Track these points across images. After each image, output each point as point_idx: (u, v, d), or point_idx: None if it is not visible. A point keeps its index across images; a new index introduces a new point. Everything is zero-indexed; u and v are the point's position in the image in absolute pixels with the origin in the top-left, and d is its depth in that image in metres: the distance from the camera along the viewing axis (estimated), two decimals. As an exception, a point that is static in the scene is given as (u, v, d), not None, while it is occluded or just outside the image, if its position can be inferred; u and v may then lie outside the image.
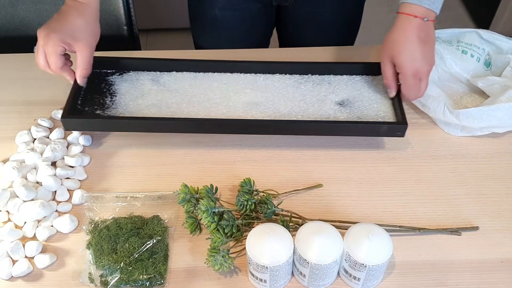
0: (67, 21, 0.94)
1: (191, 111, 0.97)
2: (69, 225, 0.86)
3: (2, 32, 1.38)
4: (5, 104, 1.09)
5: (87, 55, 0.95)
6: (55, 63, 0.93)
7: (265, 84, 1.03)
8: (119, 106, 0.98)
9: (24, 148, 0.97)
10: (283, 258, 0.73)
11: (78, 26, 0.94)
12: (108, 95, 1.00)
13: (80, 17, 0.95)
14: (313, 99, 1.00)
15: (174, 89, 1.02)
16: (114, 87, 1.02)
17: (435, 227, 0.86)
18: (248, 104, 0.99)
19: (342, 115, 0.97)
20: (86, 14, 0.96)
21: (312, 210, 0.88)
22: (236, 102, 0.99)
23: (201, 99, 0.99)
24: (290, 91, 1.02)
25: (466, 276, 0.80)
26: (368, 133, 0.95)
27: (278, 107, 0.98)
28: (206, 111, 0.97)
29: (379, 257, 0.73)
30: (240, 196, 0.85)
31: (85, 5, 0.96)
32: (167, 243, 0.83)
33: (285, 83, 1.04)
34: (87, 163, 0.97)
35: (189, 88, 1.02)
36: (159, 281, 0.79)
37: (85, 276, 0.80)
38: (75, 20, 0.94)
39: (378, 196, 0.91)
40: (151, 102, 0.99)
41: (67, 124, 0.94)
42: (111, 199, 0.90)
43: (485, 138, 1.00)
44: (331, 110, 0.98)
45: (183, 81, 1.03)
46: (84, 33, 0.94)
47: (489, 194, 0.91)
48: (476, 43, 1.07)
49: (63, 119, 0.92)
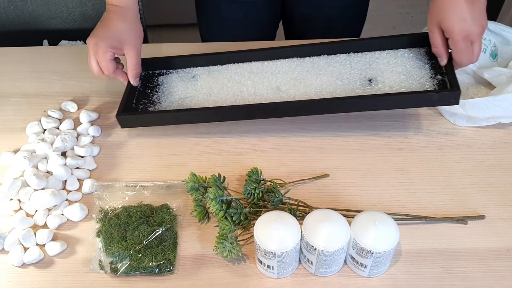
0: (111, 27, 0.97)
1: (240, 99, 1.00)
2: (79, 213, 0.87)
3: (13, 26, 1.40)
4: (16, 96, 1.11)
5: (135, 56, 0.98)
6: (107, 68, 0.96)
7: (298, 67, 1.04)
8: (162, 101, 1.03)
9: (35, 139, 0.98)
10: (291, 245, 0.74)
11: (122, 30, 0.97)
12: (151, 93, 1.05)
13: (123, 21, 0.98)
14: (344, 79, 0.99)
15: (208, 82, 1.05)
16: (160, 85, 1.07)
17: (441, 215, 0.86)
18: (269, 88, 1.00)
19: (372, 90, 0.95)
20: (128, 17, 0.99)
21: (319, 200, 0.89)
22: (268, 87, 1.01)
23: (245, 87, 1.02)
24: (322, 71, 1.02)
25: (473, 264, 0.81)
26: (420, 103, 0.92)
27: (316, 86, 0.99)
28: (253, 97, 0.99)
29: (385, 244, 0.74)
30: (248, 185, 0.86)
31: (125, 9, 0.99)
32: (176, 231, 0.85)
33: (315, 64, 1.04)
34: (96, 153, 0.98)
35: (226, 80, 1.04)
36: (168, 268, 0.80)
37: (95, 263, 0.81)
38: (118, 25, 0.97)
39: (385, 185, 0.92)
40: (189, 94, 1.03)
41: (122, 121, 0.97)
42: (121, 188, 0.91)
43: (491, 128, 1.01)
44: (361, 88, 0.96)
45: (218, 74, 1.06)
46: (128, 35, 0.97)
47: (495, 183, 0.92)
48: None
49: (119, 116, 0.96)
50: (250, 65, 1.06)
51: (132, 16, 1.00)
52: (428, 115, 1.04)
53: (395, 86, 0.95)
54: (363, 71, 1.00)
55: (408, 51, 1.02)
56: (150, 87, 1.06)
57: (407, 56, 1.01)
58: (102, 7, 1.39)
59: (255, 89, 1.00)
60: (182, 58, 1.09)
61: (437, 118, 1.03)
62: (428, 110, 1.04)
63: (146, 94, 1.04)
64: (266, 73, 1.04)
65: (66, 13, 1.39)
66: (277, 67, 1.04)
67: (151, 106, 1.02)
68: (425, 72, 0.96)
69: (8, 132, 1.03)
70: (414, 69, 0.97)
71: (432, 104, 0.94)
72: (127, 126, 1.00)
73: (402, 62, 1.00)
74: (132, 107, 1.01)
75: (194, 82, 1.05)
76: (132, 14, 1.00)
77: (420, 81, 0.95)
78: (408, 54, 1.01)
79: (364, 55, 1.03)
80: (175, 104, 1.01)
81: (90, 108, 1.07)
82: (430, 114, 1.04)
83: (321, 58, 1.05)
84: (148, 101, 1.03)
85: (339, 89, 0.97)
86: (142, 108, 1.01)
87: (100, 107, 1.08)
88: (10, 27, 1.40)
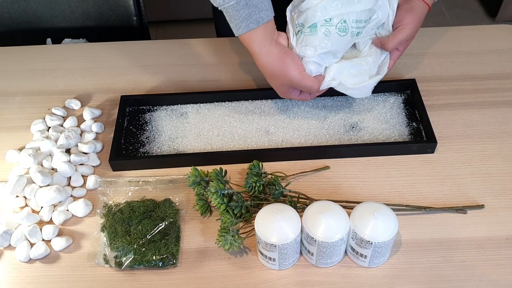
0: (282, 73, 0.91)
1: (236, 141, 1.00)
2: (84, 209, 0.89)
3: (16, 25, 1.41)
4: (20, 94, 1.12)
5: (310, 81, 0.91)
6: (314, 96, 0.97)
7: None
8: (151, 141, 1.00)
9: (39, 136, 0.99)
10: (291, 236, 0.75)
11: (290, 70, 0.90)
12: (144, 131, 1.02)
13: (285, 59, 0.91)
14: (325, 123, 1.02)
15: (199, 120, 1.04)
16: (148, 123, 1.04)
17: (441, 205, 0.87)
18: (259, 131, 1.01)
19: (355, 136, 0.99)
20: (283, 53, 0.91)
21: (319, 191, 0.90)
22: (257, 128, 1.01)
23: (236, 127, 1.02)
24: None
25: (472, 253, 0.82)
26: (399, 152, 0.96)
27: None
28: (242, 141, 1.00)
29: (385, 234, 0.74)
30: (249, 178, 0.87)
31: (277, 45, 0.92)
32: (179, 225, 0.86)
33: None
34: (100, 150, 1.00)
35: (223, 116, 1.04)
36: (172, 261, 0.81)
37: (100, 257, 0.82)
38: (285, 68, 0.90)
39: (385, 176, 0.93)
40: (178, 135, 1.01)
41: (114, 166, 0.96)
42: (124, 183, 0.92)
43: (491, 118, 1.01)
44: (345, 133, 1.00)
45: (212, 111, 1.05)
46: (296, 69, 0.91)
47: (494, 173, 0.92)
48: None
49: (112, 162, 0.95)
50: (239, 104, 1.05)
51: (282, 49, 0.93)
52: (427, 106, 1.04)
53: (374, 134, 0.99)
54: (347, 117, 1.02)
55: (389, 96, 1.04)
56: (138, 125, 1.03)
57: (388, 101, 1.05)
58: (103, 4, 1.40)
59: (245, 131, 1.00)
60: (170, 96, 1.07)
61: (435, 109, 1.04)
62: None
63: (134, 133, 1.01)
64: (254, 114, 1.03)
65: (69, 11, 1.40)
66: (266, 108, 1.04)
67: (141, 147, 0.99)
68: (402, 120, 1.01)
69: (13, 130, 1.04)
70: (392, 116, 1.02)
71: (411, 153, 0.96)
72: (119, 170, 0.96)
73: (383, 108, 1.03)
74: (121, 148, 0.99)
75: (183, 120, 1.03)
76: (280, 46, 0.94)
77: (398, 129, 1.00)
78: (388, 99, 1.05)
79: (348, 99, 1.05)
80: (166, 146, 0.98)
81: (93, 105, 1.09)
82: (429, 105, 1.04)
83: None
84: (137, 141, 1.00)
85: (325, 134, 1.00)
86: (131, 149, 0.99)
87: (103, 104, 1.09)
88: (14, 27, 1.41)
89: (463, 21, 2.70)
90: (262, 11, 0.87)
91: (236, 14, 0.87)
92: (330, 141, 0.98)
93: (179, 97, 1.06)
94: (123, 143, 1.00)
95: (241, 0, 0.85)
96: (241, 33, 0.89)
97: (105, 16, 1.42)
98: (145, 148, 0.99)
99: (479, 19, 2.70)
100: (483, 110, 1.03)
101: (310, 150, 0.96)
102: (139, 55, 1.21)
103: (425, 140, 0.97)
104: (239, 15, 0.86)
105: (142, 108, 1.06)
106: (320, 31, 0.88)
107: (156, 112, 1.05)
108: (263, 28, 0.88)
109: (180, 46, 1.22)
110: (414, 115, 1.02)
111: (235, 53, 1.18)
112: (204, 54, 1.20)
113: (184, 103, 1.06)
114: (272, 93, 1.01)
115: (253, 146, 0.98)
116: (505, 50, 1.16)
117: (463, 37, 1.19)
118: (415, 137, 0.98)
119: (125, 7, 1.40)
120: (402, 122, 1.01)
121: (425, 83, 1.08)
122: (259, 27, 0.88)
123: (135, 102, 1.06)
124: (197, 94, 1.06)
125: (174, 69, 1.16)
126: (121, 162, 0.95)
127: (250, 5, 0.86)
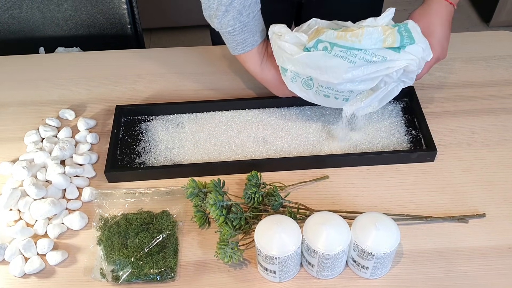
0: (280, 84, 0.95)
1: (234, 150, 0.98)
2: (80, 222, 0.87)
3: (8, 34, 1.39)
4: (13, 105, 1.10)
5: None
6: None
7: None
8: (147, 152, 0.98)
9: (33, 148, 0.98)
10: (292, 249, 0.74)
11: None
12: (140, 141, 1.01)
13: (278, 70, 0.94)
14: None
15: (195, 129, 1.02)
16: (144, 133, 1.02)
17: (442, 215, 0.86)
18: (257, 140, 0.99)
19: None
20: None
21: (319, 202, 0.89)
22: (255, 138, 1.00)
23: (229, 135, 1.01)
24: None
25: (474, 263, 0.81)
26: (400, 161, 0.95)
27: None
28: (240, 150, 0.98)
29: (386, 246, 0.73)
30: (248, 189, 0.85)
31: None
32: (177, 237, 0.84)
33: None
34: (95, 161, 0.98)
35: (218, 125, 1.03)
36: (170, 275, 0.80)
37: (97, 271, 0.81)
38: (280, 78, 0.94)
39: (385, 186, 0.92)
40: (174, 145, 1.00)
41: (110, 177, 0.94)
42: (120, 195, 0.91)
43: (490, 125, 1.01)
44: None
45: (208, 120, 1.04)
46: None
47: (495, 181, 0.92)
48: None
49: (107, 173, 0.93)
50: (236, 113, 1.04)
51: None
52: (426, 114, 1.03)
53: (373, 142, 0.98)
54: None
55: (387, 104, 1.02)
56: (134, 136, 1.01)
57: (386, 109, 1.04)
58: (97, 13, 1.38)
59: (242, 140, 0.99)
60: (166, 105, 1.05)
61: (435, 117, 1.03)
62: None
63: (130, 144, 1.00)
64: (252, 123, 1.02)
65: (62, 20, 1.39)
66: (263, 117, 1.03)
67: (137, 158, 0.97)
68: (401, 128, 1.01)
69: (6, 141, 1.02)
70: (391, 124, 1.01)
71: (411, 161, 0.95)
72: (115, 181, 0.94)
73: (381, 116, 1.03)
74: (117, 159, 0.97)
75: (180, 130, 1.02)
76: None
77: (397, 137, 0.99)
78: (386, 107, 1.04)
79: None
80: (162, 156, 0.97)
81: (87, 116, 1.07)
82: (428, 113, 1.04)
83: (306, 108, 1.04)
84: (133, 152, 0.98)
85: (324, 142, 0.99)
86: (127, 160, 0.97)
87: (98, 114, 1.08)
88: (6, 36, 1.39)
89: (457, 26, 2.70)
90: (256, 34, 0.92)
91: (232, 39, 0.92)
92: (328, 150, 0.97)
93: (175, 107, 1.05)
94: (118, 154, 0.98)
95: (237, 27, 0.89)
96: (236, 54, 0.95)
97: (99, 25, 1.41)
98: (141, 159, 0.97)
99: (473, 24, 2.71)
100: (482, 117, 1.02)
101: (309, 160, 0.95)
102: (134, 63, 1.19)
103: (425, 149, 0.96)
104: (235, 39, 0.92)
105: (137, 118, 1.05)
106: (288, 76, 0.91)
107: (152, 122, 1.04)
108: (256, 48, 0.94)
109: (175, 54, 1.21)
110: (413, 123, 1.01)
111: (231, 61, 1.17)
112: (200, 63, 1.18)
113: (180, 113, 1.05)
114: (270, 102, 1.00)
115: (251, 156, 0.97)
116: (503, 56, 1.15)
117: (460, 43, 1.19)
118: (415, 145, 0.97)
119: (119, 15, 1.38)
120: (401, 130, 1.00)
121: (424, 90, 1.07)
122: (253, 49, 0.94)
123: (130, 112, 1.05)
124: (194, 103, 1.05)
125: (170, 78, 1.15)
126: (117, 173, 0.94)
127: (245, 31, 0.90)
